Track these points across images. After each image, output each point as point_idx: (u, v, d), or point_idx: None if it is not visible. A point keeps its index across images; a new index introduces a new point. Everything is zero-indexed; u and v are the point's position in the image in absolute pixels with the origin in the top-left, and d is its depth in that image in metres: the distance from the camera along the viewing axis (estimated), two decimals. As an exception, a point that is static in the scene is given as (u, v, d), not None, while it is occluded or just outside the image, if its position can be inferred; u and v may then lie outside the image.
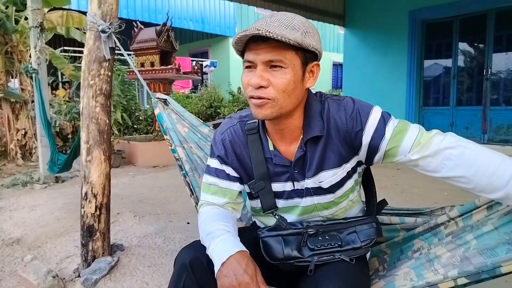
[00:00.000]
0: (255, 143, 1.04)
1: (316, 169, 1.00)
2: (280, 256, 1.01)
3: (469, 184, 0.87)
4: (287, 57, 0.88)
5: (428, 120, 6.33)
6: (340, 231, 1.04)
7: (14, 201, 3.29)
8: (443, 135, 0.92)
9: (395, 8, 6.33)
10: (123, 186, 3.88)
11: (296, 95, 0.93)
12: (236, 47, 0.95)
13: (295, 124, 0.99)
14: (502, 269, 0.81)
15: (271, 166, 1.03)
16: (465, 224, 1.01)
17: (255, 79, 0.89)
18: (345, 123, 0.96)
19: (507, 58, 5.56)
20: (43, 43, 3.90)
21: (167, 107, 1.80)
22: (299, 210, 1.06)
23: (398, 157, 0.94)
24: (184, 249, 1.00)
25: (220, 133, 1.10)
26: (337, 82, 15.29)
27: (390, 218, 1.29)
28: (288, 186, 1.04)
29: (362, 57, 6.95)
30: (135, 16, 9.31)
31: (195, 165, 1.67)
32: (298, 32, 0.88)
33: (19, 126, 5.33)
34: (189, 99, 8.62)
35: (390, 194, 3.37)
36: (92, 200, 1.86)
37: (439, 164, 0.90)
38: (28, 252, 2.19)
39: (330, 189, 1.01)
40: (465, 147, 0.88)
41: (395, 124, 0.95)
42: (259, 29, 0.84)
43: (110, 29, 1.78)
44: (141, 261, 2.00)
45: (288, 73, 0.89)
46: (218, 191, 1.08)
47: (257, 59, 0.90)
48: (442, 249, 0.96)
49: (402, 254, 1.14)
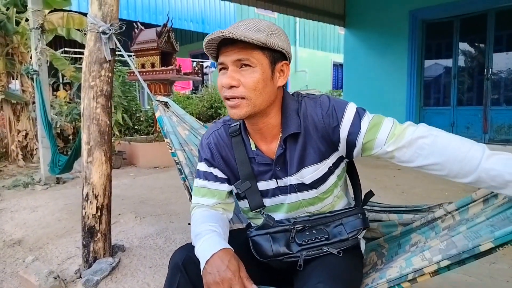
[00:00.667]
0: (238, 145, 1.08)
1: (297, 165, 1.03)
2: (269, 253, 1.04)
3: (442, 170, 0.91)
4: (254, 56, 0.93)
5: (429, 120, 6.32)
6: (327, 225, 1.07)
7: (15, 202, 3.29)
8: (415, 126, 0.96)
9: (395, 8, 6.32)
10: (124, 187, 3.88)
11: (268, 92, 0.97)
12: (208, 52, 1.01)
13: (272, 123, 1.03)
14: (481, 247, 0.82)
15: (255, 165, 1.07)
16: (461, 218, 1.03)
17: (226, 79, 0.95)
18: (322, 119, 0.99)
19: (508, 57, 5.55)
20: (43, 45, 3.91)
21: (167, 110, 1.80)
22: (285, 207, 1.09)
23: (375, 149, 0.97)
24: (177, 250, 1.04)
25: (206, 137, 1.14)
26: (337, 83, 15.29)
27: (389, 215, 1.30)
28: (272, 184, 1.07)
29: (363, 57, 6.95)
30: (136, 17, 9.32)
31: (195, 168, 1.67)
32: (263, 33, 0.93)
33: (20, 128, 5.34)
34: (189, 100, 8.62)
35: (391, 195, 3.37)
36: (93, 201, 1.86)
37: (414, 153, 0.93)
38: (30, 253, 2.19)
39: (312, 185, 1.04)
40: (436, 135, 0.92)
41: (370, 118, 0.98)
42: (223, 32, 0.90)
43: (110, 30, 1.78)
44: (142, 262, 2.00)
45: (257, 72, 0.94)
46: (208, 193, 1.11)
47: (227, 60, 0.95)
48: (437, 241, 0.98)
49: (400, 248, 1.16)
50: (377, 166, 4.62)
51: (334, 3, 7.02)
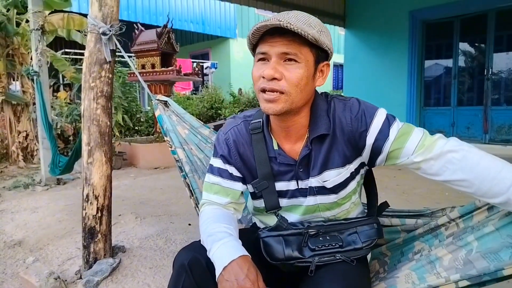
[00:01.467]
0: (259, 142, 1.04)
1: (320, 168, 1.00)
2: (281, 256, 1.00)
3: (470, 188, 0.87)
4: (302, 52, 0.90)
5: (429, 121, 6.32)
6: (341, 232, 1.03)
7: (15, 203, 3.29)
8: (446, 139, 0.93)
9: (395, 9, 6.33)
10: (124, 188, 3.88)
11: (307, 91, 0.94)
12: (252, 39, 0.95)
13: (301, 123, 1.00)
14: (504, 271, 0.80)
15: (275, 165, 1.03)
16: (465, 225, 1.00)
17: (269, 70, 0.90)
18: (350, 123, 0.97)
19: (508, 58, 5.55)
20: (44, 46, 3.91)
21: (167, 109, 1.81)
22: (302, 210, 1.06)
23: (401, 159, 0.95)
24: (183, 250, 1.00)
25: (223, 132, 1.10)
26: (337, 83, 15.29)
27: (391, 220, 1.28)
28: (292, 185, 1.04)
29: (363, 58, 6.95)
30: (136, 18, 9.32)
31: (195, 167, 1.67)
32: (314, 29, 0.89)
33: (20, 128, 5.34)
34: (190, 101, 8.63)
35: (391, 195, 3.36)
36: (94, 202, 1.86)
37: (442, 167, 0.90)
38: (30, 254, 2.19)
39: (333, 189, 1.01)
40: (467, 151, 0.88)
41: (400, 126, 0.95)
42: (281, 20, 0.85)
43: (110, 32, 1.78)
44: (142, 262, 2.00)
45: (302, 68, 0.90)
46: (221, 191, 1.07)
47: (272, 51, 0.90)
48: (443, 250, 0.96)
49: (403, 256, 1.14)
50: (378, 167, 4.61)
51: (334, 3, 7.02)
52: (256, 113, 1.09)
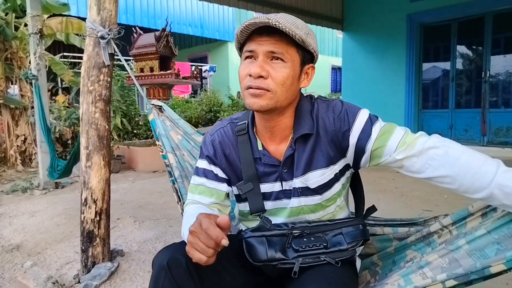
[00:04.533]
0: (244, 144, 1.05)
1: (304, 168, 1.00)
2: (263, 257, 0.98)
3: (453, 184, 0.88)
4: (289, 52, 0.92)
5: (428, 123, 6.34)
6: (326, 233, 1.02)
7: (13, 207, 3.28)
8: (427, 136, 0.93)
9: (393, 12, 6.35)
10: (123, 191, 3.88)
11: (292, 91, 0.96)
12: (240, 37, 0.96)
13: (286, 123, 1.01)
14: (492, 269, 0.80)
15: (260, 166, 1.04)
16: (459, 232, 0.98)
17: (256, 68, 0.91)
18: (333, 123, 0.98)
19: (505, 60, 5.57)
20: (42, 49, 3.91)
21: (161, 114, 1.81)
22: (286, 212, 1.06)
23: (384, 157, 0.95)
24: (161, 251, 0.99)
25: (210, 134, 1.11)
26: (336, 86, 15.32)
27: (383, 229, 1.26)
28: (276, 186, 1.04)
29: (361, 61, 6.97)
30: (134, 21, 9.34)
31: (186, 173, 1.65)
32: (301, 31, 0.91)
33: (18, 132, 5.34)
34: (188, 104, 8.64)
35: (389, 197, 3.36)
36: (92, 205, 1.86)
37: (424, 164, 0.90)
38: (28, 258, 2.18)
39: (317, 190, 1.01)
40: (449, 147, 0.89)
41: (382, 125, 0.96)
42: (270, 19, 0.87)
43: (109, 35, 1.79)
44: (141, 266, 2.00)
45: (288, 68, 0.92)
46: (205, 191, 1.07)
47: (259, 49, 0.92)
48: (434, 255, 0.94)
49: (395, 265, 1.11)
50: (376, 169, 4.61)
51: (332, 7, 7.05)
52: (242, 116, 1.11)
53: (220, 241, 0.75)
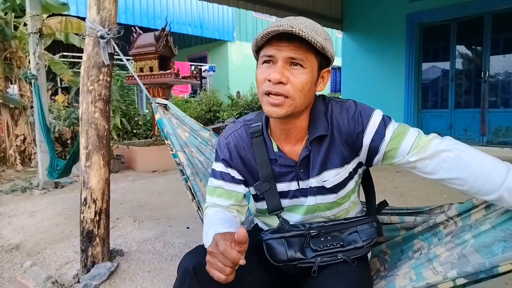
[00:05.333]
0: (259, 145, 1.06)
1: (319, 168, 1.02)
2: (283, 258, 1.01)
3: (464, 186, 0.90)
4: (308, 58, 0.92)
5: (427, 123, 6.34)
6: (342, 232, 1.06)
7: (13, 207, 3.28)
8: (440, 138, 0.95)
9: (392, 12, 6.36)
10: (122, 191, 3.88)
11: (310, 96, 0.97)
12: (260, 42, 0.96)
13: (301, 125, 1.02)
14: (500, 268, 0.82)
15: (276, 167, 1.05)
16: (464, 224, 1.02)
17: (276, 74, 0.91)
18: (347, 124, 0.99)
19: (505, 60, 5.58)
20: (42, 49, 3.91)
21: (167, 112, 1.81)
22: (303, 210, 1.08)
23: (397, 158, 0.97)
24: (187, 254, 1.00)
25: (224, 137, 1.12)
26: (335, 86, 15.31)
27: (390, 217, 1.30)
28: (293, 185, 1.06)
29: (361, 61, 6.97)
30: (134, 21, 9.34)
31: (196, 170, 1.67)
32: (321, 37, 0.92)
33: (18, 132, 5.33)
34: (188, 104, 8.63)
35: (389, 197, 3.34)
36: (92, 205, 1.86)
37: (436, 166, 0.92)
38: (27, 258, 2.18)
39: (333, 189, 1.03)
40: (461, 150, 0.91)
41: (395, 127, 0.98)
42: (293, 27, 0.87)
43: (109, 35, 1.79)
44: (140, 266, 2.00)
45: (307, 74, 0.93)
46: (224, 194, 1.09)
47: (279, 55, 0.92)
48: (441, 248, 0.98)
49: (403, 254, 1.15)
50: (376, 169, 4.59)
51: (332, 6, 7.05)
52: (255, 117, 1.12)
53: (238, 262, 0.78)
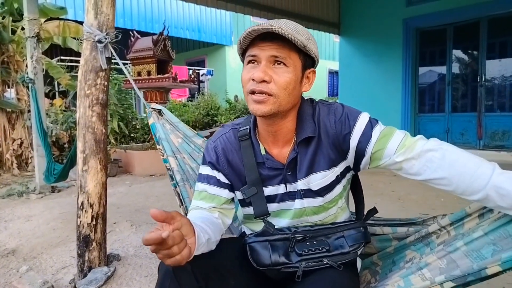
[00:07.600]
0: (247, 149, 1.06)
1: (307, 170, 1.02)
2: (267, 262, 1.00)
3: (450, 186, 0.90)
4: (291, 56, 0.94)
5: (424, 127, 6.37)
6: (328, 236, 1.04)
7: (9, 212, 3.26)
8: (426, 139, 0.95)
9: (389, 16, 6.40)
10: (119, 195, 3.86)
11: (294, 95, 0.97)
12: (243, 43, 0.97)
13: (288, 127, 1.02)
14: (488, 270, 0.81)
15: (264, 170, 1.05)
16: (456, 233, 1.00)
17: (259, 73, 0.92)
18: (334, 126, 1.00)
19: (501, 64, 5.63)
20: (39, 53, 3.91)
21: (161, 117, 1.81)
22: (290, 214, 1.07)
23: (383, 160, 0.97)
24: None
25: (212, 141, 1.12)
26: (333, 90, 15.37)
27: (383, 228, 1.28)
28: (281, 188, 1.05)
29: (358, 65, 7.01)
30: (132, 25, 9.34)
31: (187, 176, 1.65)
32: (303, 37, 0.93)
33: (15, 136, 5.31)
34: (186, 108, 8.62)
35: (386, 201, 3.37)
36: (89, 209, 1.85)
37: (422, 166, 0.92)
38: (24, 263, 2.17)
39: (319, 192, 1.02)
40: (446, 149, 0.91)
41: (382, 128, 0.98)
42: (273, 25, 0.89)
43: (106, 39, 1.79)
44: (137, 271, 1.99)
45: (290, 72, 0.94)
46: (207, 197, 1.09)
47: (262, 54, 0.94)
48: (433, 257, 0.96)
49: (394, 266, 1.13)
50: (373, 173, 4.63)
51: (329, 11, 7.10)
52: (244, 121, 1.12)
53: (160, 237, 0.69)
